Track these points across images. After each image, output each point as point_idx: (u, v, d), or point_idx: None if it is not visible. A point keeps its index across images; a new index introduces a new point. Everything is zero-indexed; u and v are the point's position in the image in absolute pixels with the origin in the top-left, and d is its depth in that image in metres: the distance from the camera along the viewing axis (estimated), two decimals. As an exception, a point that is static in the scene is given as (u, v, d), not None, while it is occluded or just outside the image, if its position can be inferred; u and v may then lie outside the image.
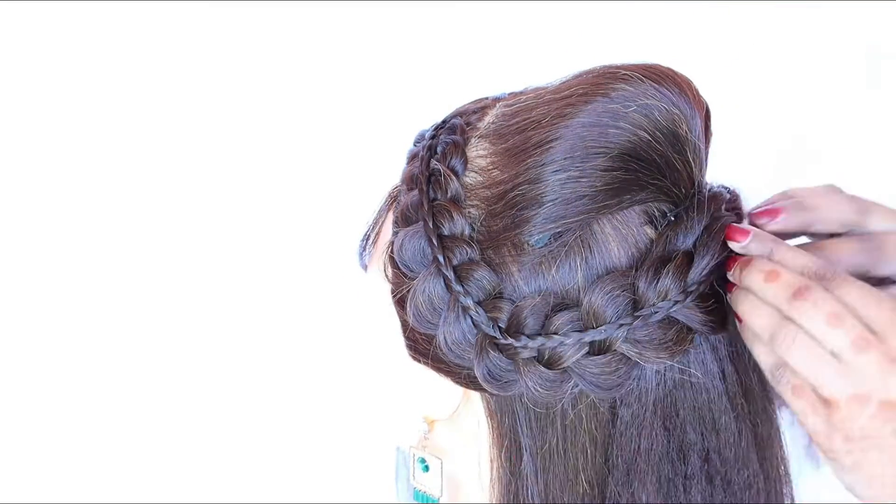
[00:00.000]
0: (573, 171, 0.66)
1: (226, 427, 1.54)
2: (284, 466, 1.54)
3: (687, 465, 0.70)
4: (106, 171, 1.51)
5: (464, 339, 0.69)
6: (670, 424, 0.69)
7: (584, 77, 0.70)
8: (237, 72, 1.51)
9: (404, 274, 0.72)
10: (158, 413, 1.53)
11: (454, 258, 0.69)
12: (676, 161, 0.68)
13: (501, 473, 0.73)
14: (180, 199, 1.52)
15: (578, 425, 0.70)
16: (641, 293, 0.67)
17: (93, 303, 1.52)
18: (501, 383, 0.69)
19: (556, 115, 0.67)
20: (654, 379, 0.69)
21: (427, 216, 0.70)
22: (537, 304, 0.67)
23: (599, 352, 0.67)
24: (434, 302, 0.69)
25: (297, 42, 1.51)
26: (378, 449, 1.06)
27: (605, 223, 0.68)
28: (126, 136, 1.51)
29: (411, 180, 0.73)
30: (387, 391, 0.80)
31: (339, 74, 1.51)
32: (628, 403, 0.69)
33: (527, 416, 0.71)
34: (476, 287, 0.68)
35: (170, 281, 1.53)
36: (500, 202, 0.68)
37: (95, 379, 1.52)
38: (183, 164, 1.52)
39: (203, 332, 1.53)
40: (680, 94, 0.68)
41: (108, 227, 1.51)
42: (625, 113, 0.66)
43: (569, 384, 0.68)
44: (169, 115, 1.51)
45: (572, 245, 0.68)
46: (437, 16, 1.51)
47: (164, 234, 1.52)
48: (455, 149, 0.71)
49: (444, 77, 1.49)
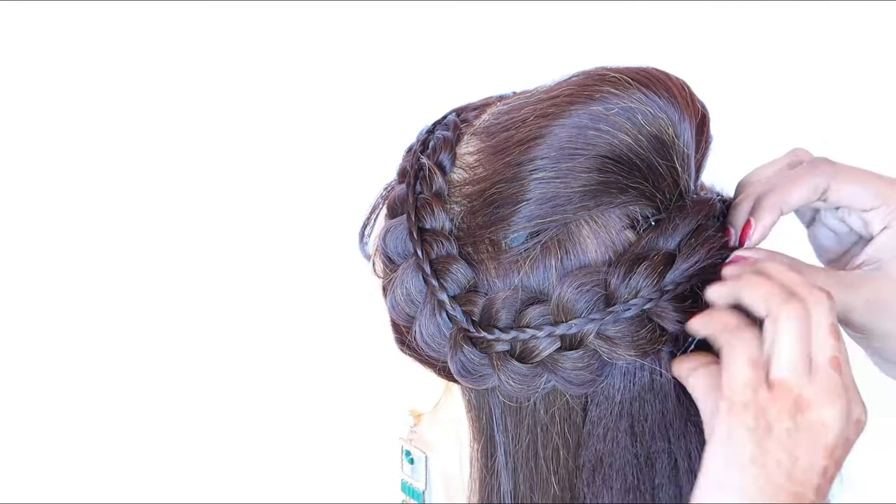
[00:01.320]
0: (550, 171, 0.66)
1: (224, 425, 1.53)
2: (283, 460, 1.54)
3: (655, 473, 0.69)
4: (105, 170, 1.51)
5: (439, 332, 0.70)
6: (638, 429, 0.69)
7: (575, 78, 0.70)
8: (237, 71, 1.51)
9: (389, 265, 0.72)
10: (156, 410, 1.52)
11: (432, 252, 0.69)
12: (660, 166, 0.67)
13: (479, 469, 0.73)
14: (177, 194, 1.51)
15: (551, 427, 0.70)
16: (613, 289, 0.67)
17: (92, 302, 1.51)
18: (476, 377, 0.69)
19: (540, 114, 0.67)
20: (623, 380, 0.69)
21: (410, 209, 0.71)
22: (508, 297, 0.68)
23: (571, 347, 0.67)
24: (411, 294, 0.70)
25: (298, 42, 1.51)
26: (378, 441, 1.06)
27: (583, 225, 0.68)
28: (125, 135, 1.51)
29: (402, 174, 0.74)
30: (381, 382, 0.81)
31: (338, 73, 1.51)
32: (598, 403, 0.69)
33: (502, 414, 0.71)
34: (452, 281, 0.69)
35: (162, 275, 1.52)
36: (480, 199, 0.69)
37: (95, 379, 1.52)
38: (181, 159, 1.51)
39: (197, 324, 1.52)
40: (669, 99, 0.67)
41: (107, 226, 1.51)
42: (606, 115, 0.66)
43: (541, 379, 0.68)
44: (166, 110, 1.50)
45: (548, 245, 0.68)
46: (437, 16, 1.50)
47: (160, 228, 1.51)
48: (444, 145, 0.72)
49: (444, 77, 1.48)
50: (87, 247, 1.52)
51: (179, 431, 1.53)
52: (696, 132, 0.70)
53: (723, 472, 0.61)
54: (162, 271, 1.53)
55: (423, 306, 0.70)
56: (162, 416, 1.53)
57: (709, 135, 0.72)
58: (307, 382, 1.52)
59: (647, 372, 0.69)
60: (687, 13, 1.48)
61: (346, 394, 1.48)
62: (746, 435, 0.61)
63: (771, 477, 0.60)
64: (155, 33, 1.50)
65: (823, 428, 0.61)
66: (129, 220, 1.52)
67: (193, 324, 1.53)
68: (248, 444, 1.53)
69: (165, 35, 1.51)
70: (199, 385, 1.53)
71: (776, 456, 0.60)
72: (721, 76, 1.44)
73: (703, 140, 0.71)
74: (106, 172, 1.52)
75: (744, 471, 0.60)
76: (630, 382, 0.69)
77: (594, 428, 0.69)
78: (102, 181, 1.52)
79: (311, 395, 1.51)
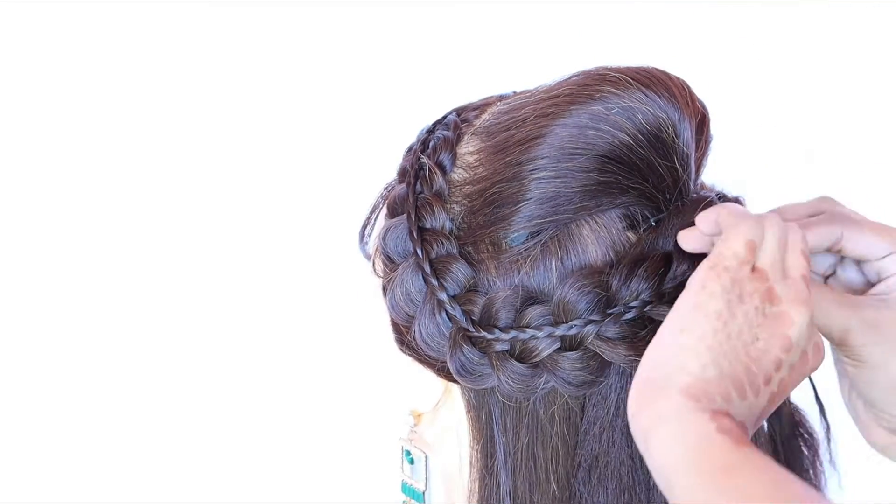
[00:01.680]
0: (550, 171, 0.66)
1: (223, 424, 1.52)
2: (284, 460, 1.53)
3: (650, 475, 0.69)
4: (104, 170, 1.50)
5: (438, 332, 0.69)
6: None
7: (576, 78, 0.70)
8: (237, 71, 1.50)
9: (389, 265, 0.72)
10: (156, 410, 1.51)
11: (432, 252, 0.69)
12: (660, 165, 0.67)
13: (478, 470, 0.73)
14: (177, 194, 1.50)
15: (550, 427, 0.70)
16: (614, 291, 0.67)
17: (92, 302, 1.51)
18: (475, 377, 0.69)
19: (540, 114, 0.67)
20: (619, 380, 0.69)
21: (410, 209, 0.71)
22: (508, 296, 0.67)
23: (571, 347, 0.67)
24: (411, 294, 0.70)
25: (298, 42, 1.50)
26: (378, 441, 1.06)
27: (584, 225, 0.68)
28: (125, 135, 1.50)
29: (402, 173, 0.74)
30: (381, 382, 0.81)
31: (338, 73, 1.51)
32: (595, 403, 0.69)
33: (502, 414, 0.71)
34: (452, 281, 0.69)
35: (162, 275, 1.51)
36: (480, 199, 0.69)
37: (95, 378, 1.51)
38: (180, 159, 1.50)
39: (197, 324, 1.51)
40: (669, 99, 0.67)
41: (107, 226, 1.50)
42: (606, 115, 0.66)
43: (540, 379, 0.68)
44: (166, 110, 1.50)
45: (549, 245, 0.68)
46: (437, 16, 1.50)
47: (159, 228, 1.50)
48: (445, 144, 0.72)
49: (444, 77, 1.48)
50: (87, 247, 1.52)
51: (180, 431, 1.53)
52: (696, 132, 0.70)
53: (688, 315, 0.62)
54: (162, 271, 1.53)
55: (423, 306, 0.69)
56: (162, 416, 1.53)
57: (709, 134, 0.72)
58: (307, 382, 1.52)
59: None
60: (687, 13, 1.48)
61: (347, 394, 1.48)
62: (719, 291, 0.62)
63: (730, 338, 0.61)
64: (155, 33, 1.50)
65: (788, 321, 0.62)
66: (129, 220, 1.52)
67: (193, 324, 1.53)
68: (249, 444, 1.53)
69: (165, 35, 1.50)
70: (199, 385, 1.53)
71: (740, 324, 0.61)
72: (721, 76, 1.44)
73: (702, 140, 0.72)
74: (106, 172, 1.51)
75: (708, 319, 0.61)
76: (626, 382, 0.69)
77: (590, 427, 0.69)
78: (102, 181, 1.52)
79: (311, 395, 1.51)
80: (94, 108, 1.51)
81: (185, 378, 1.53)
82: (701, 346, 0.61)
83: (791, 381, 0.63)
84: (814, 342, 0.64)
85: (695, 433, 0.59)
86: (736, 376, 0.61)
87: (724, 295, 0.62)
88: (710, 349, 0.61)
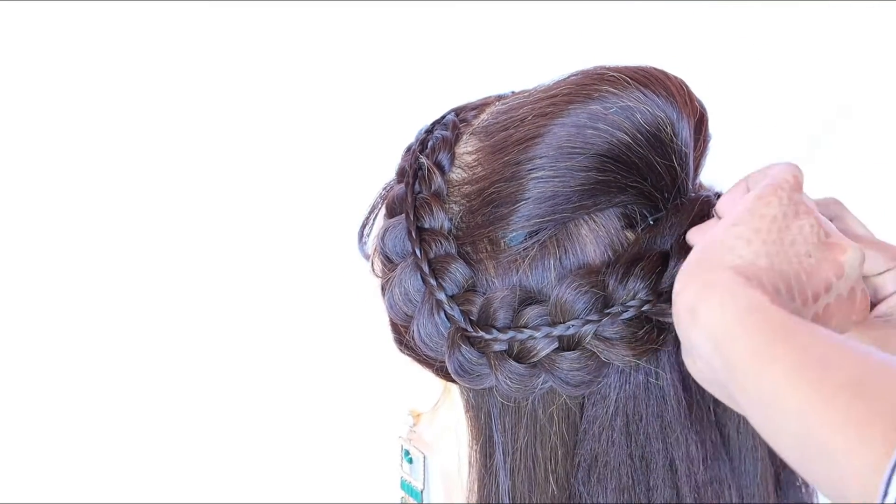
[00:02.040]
0: (549, 170, 0.66)
1: (223, 424, 1.53)
2: (283, 460, 1.53)
3: (650, 474, 0.69)
4: (104, 169, 1.50)
5: (436, 332, 0.69)
6: (632, 429, 0.69)
7: (574, 77, 0.70)
8: (236, 71, 1.51)
9: (387, 265, 0.72)
10: (156, 410, 1.51)
11: (431, 251, 0.69)
12: (658, 165, 0.67)
13: (477, 469, 0.73)
14: (177, 194, 1.51)
15: (549, 426, 0.70)
16: (611, 291, 0.67)
17: (92, 302, 1.51)
18: (473, 377, 0.69)
19: (538, 113, 0.67)
20: (619, 378, 0.69)
21: (409, 209, 0.71)
22: (506, 296, 0.67)
23: (569, 347, 0.67)
24: (410, 294, 0.70)
25: (297, 42, 1.51)
26: (377, 441, 1.06)
27: (582, 224, 0.68)
28: (124, 135, 1.50)
29: (400, 173, 0.74)
30: (380, 382, 0.81)
31: (338, 73, 1.51)
32: (594, 402, 0.69)
33: (500, 414, 0.71)
34: (450, 281, 0.69)
35: (162, 275, 1.51)
36: (479, 198, 0.69)
37: (95, 379, 1.51)
38: (180, 159, 1.51)
39: (197, 324, 1.51)
40: (668, 98, 0.67)
41: (107, 227, 1.51)
42: (604, 114, 0.66)
43: (538, 379, 0.68)
44: (166, 110, 1.50)
45: (547, 244, 0.68)
46: (437, 16, 1.50)
47: (159, 228, 1.50)
48: (443, 144, 0.72)
49: (443, 77, 1.48)
50: (87, 247, 1.52)
51: (180, 431, 1.53)
52: (694, 131, 0.70)
53: (744, 215, 0.61)
54: (162, 271, 1.53)
55: (422, 306, 0.69)
56: (162, 416, 1.53)
57: (707, 133, 0.72)
58: (307, 382, 1.52)
59: (643, 372, 0.69)
60: (687, 13, 1.48)
61: (346, 393, 1.48)
62: (776, 202, 0.61)
63: (783, 243, 0.60)
64: (155, 33, 1.50)
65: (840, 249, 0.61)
66: (129, 220, 1.52)
67: (193, 324, 1.53)
68: (248, 444, 1.53)
69: (165, 35, 1.50)
70: (198, 385, 1.53)
71: (794, 234, 0.60)
72: (720, 76, 1.45)
73: (701, 139, 0.71)
74: (105, 172, 1.52)
75: (763, 220, 0.60)
76: (626, 381, 0.69)
77: (590, 426, 0.69)
78: (102, 181, 1.52)
79: (310, 395, 1.51)
80: (94, 108, 1.51)
81: (185, 378, 1.53)
82: (756, 238, 0.60)
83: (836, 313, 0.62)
84: (864, 288, 0.63)
85: (747, 298, 0.56)
86: (786, 275, 0.59)
87: (781, 206, 0.61)
88: (764, 243, 0.60)
